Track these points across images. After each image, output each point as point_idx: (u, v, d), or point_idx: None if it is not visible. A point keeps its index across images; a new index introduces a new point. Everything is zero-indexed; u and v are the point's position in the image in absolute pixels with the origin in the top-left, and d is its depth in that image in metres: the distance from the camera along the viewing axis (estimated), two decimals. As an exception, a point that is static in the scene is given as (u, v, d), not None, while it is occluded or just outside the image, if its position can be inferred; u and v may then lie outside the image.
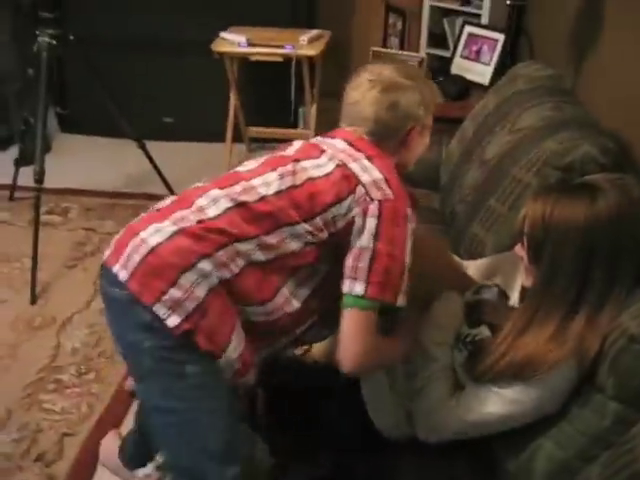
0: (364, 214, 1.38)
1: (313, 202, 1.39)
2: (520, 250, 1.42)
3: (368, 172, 1.41)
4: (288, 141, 4.08)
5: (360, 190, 1.39)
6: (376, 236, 1.37)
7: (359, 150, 1.46)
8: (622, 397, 1.25)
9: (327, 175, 1.41)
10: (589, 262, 1.29)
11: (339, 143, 1.49)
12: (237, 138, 3.75)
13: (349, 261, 1.39)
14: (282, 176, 1.41)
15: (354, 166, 1.42)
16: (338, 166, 1.42)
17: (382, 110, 1.47)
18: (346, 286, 1.38)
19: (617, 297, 1.29)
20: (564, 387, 1.32)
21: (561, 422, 1.34)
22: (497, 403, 1.37)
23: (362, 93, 1.49)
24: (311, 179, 1.41)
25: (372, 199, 1.38)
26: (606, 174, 1.68)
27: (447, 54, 3.54)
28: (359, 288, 1.36)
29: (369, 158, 1.44)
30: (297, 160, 1.45)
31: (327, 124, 3.67)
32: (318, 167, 1.43)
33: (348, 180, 1.40)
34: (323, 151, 1.47)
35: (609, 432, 1.25)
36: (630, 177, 1.66)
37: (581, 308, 1.30)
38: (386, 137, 1.50)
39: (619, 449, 1.16)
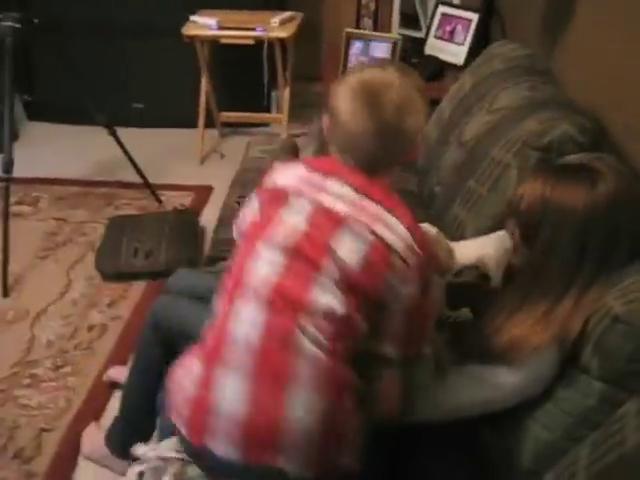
0: (404, 282, 1.29)
1: (367, 304, 1.29)
2: (511, 227, 1.40)
3: (397, 233, 1.29)
4: (259, 125, 3.98)
5: (397, 262, 1.28)
6: (414, 300, 1.31)
7: (373, 199, 1.31)
8: (607, 377, 1.25)
9: (366, 262, 1.27)
10: (585, 246, 1.28)
11: (345, 191, 1.32)
12: (209, 123, 3.69)
13: (387, 325, 1.32)
14: (332, 280, 1.26)
15: (381, 230, 1.28)
16: (370, 244, 1.27)
17: (386, 145, 1.33)
18: (382, 349, 1.33)
19: (605, 279, 1.29)
20: (547, 371, 1.32)
21: (547, 404, 1.34)
22: (478, 387, 1.36)
23: (364, 126, 1.31)
24: (356, 278, 1.27)
25: (409, 265, 1.28)
26: (586, 154, 1.68)
27: (419, 34, 3.52)
28: (395, 352, 1.33)
29: (389, 210, 1.31)
30: (329, 249, 1.27)
31: (300, 107, 3.68)
32: (352, 252, 1.27)
33: (383, 256, 1.27)
34: (341, 221, 1.29)
35: (595, 412, 1.25)
36: (610, 157, 1.67)
37: (571, 290, 1.29)
38: (388, 166, 1.38)
39: (608, 429, 1.16)
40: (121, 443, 1.85)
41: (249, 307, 1.29)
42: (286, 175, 1.40)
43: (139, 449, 1.57)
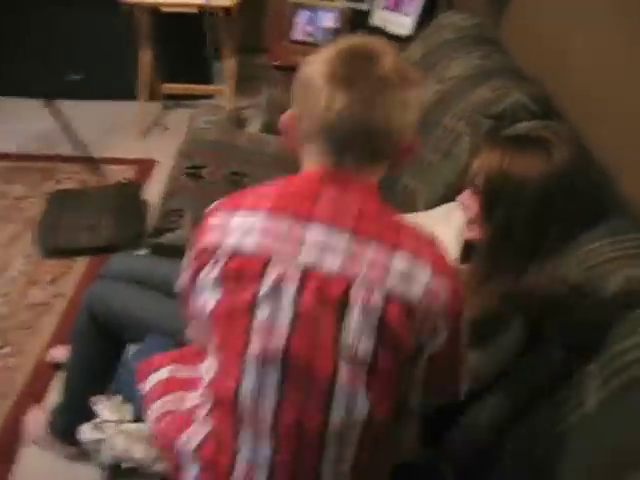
0: (432, 335, 1.03)
1: (392, 378, 1.04)
2: (468, 200, 1.38)
3: (414, 281, 0.99)
4: (203, 97, 3.87)
5: (422, 317, 1.00)
6: (448, 346, 1.06)
7: (370, 237, 0.99)
8: (567, 343, 1.25)
9: (385, 338, 0.99)
10: (546, 216, 1.28)
11: (333, 239, 0.99)
12: (151, 95, 3.58)
13: (418, 373, 1.09)
14: (347, 386, 1.00)
15: (395, 285, 0.98)
16: (385, 314, 0.98)
17: (385, 114, 1.00)
18: (409, 403, 1.15)
19: (566, 246, 1.29)
20: (514, 344, 1.31)
21: (507, 375, 1.32)
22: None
23: (355, 94, 0.98)
24: (377, 364, 1.00)
25: (437, 315, 1.01)
26: (537, 122, 1.69)
27: (364, 7, 3.47)
28: (418, 401, 1.16)
29: (397, 247, 1.00)
30: (333, 346, 0.98)
31: (245, 80, 3.60)
32: (365, 335, 0.98)
33: (405, 320, 0.99)
34: (340, 296, 0.98)
35: (554, 379, 1.25)
36: (558, 124, 1.68)
37: (534, 262, 1.28)
38: (383, 156, 1.05)
39: (565, 394, 1.17)
40: (66, 429, 1.77)
41: (249, 442, 1.04)
42: (244, 231, 1.01)
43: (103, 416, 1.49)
